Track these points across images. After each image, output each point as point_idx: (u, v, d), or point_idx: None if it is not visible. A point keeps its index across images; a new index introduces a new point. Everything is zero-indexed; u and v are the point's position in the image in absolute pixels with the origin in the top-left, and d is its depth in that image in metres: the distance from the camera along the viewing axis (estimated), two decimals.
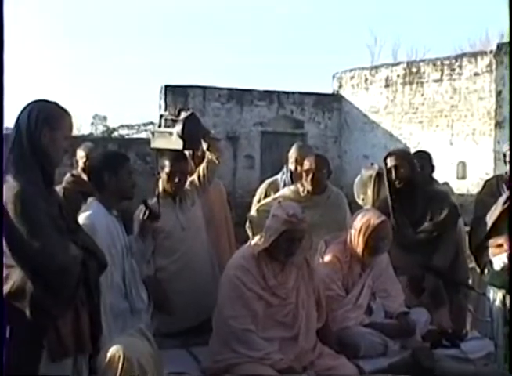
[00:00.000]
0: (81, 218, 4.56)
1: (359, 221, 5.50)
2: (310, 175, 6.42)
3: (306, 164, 6.49)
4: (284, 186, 7.17)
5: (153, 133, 5.94)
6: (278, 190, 7.09)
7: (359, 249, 5.47)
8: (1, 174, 3.65)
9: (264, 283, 5.00)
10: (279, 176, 7.46)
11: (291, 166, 7.29)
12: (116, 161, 4.83)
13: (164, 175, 5.99)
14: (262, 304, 4.98)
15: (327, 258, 5.62)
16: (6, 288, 3.35)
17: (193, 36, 69.41)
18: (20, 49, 67.17)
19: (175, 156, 5.93)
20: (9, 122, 3.66)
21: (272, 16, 66.43)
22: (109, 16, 70.24)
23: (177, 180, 5.95)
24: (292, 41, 67.21)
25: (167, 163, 5.94)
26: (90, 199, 4.79)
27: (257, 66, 64.79)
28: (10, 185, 3.38)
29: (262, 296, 4.98)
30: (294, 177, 7.18)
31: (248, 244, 5.27)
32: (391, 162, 6.29)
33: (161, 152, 6.19)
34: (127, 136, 25.15)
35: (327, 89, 23.26)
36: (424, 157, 7.14)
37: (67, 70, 68.00)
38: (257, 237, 5.18)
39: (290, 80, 57.40)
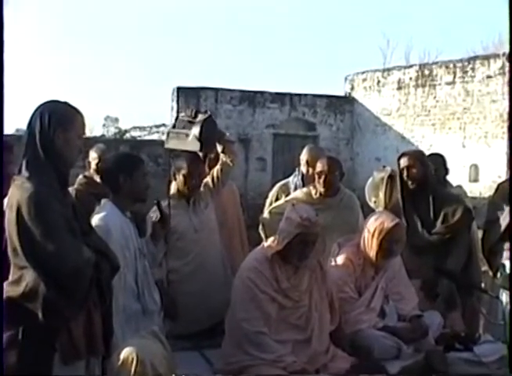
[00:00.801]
0: (95, 219, 4.56)
1: (373, 224, 5.48)
2: (322, 178, 6.41)
3: (318, 167, 6.48)
4: (295, 188, 7.16)
5: (168, 133, 5.90)
6: (289, 193, 7.08)
7: (373, 252, 5.45)
8: (1, 173, 3.66)
9: (277, 286, 4.99)
10: (290, 179, 7.45)
11: (302, 168, 7.28)
12: (131, 163, 4.82)
13: (180, 177, 5.98)
14: (275, 306, 4.97)
15: (340, 260, 5.59)
16: (19, 290, 3.35)
17: (205, 38, 69.51)
18: (30, 51, 67.48)
19: (192, 158, 5.93)
20: (21, 124, 3.67)
21: (285, 18, 66.50)
22: (122, 17, 70.44)
23: (193, 182, 5.95)
24: (304, 43, 67.18)
25: (184, 165, 5.93)
26: (104, 200, 4.78)
27: (270, 68, 64.75)
28: (24, 187, 3.37)
29: (275, 298, 4.98)
30: (306, 179, 7.17)
31: (261, 246, 5.26)
32: (403, 163, 6.28)
33: (175, 153, 6.19)
34: (139, 138, 25.23)
35: (339, 91, 23.24)
36: (438, 160, 7.11)
37: (79, 72, 68.15)
38: (270, 240, 5.17)
39: (303, 82, 57.31)
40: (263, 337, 4.85)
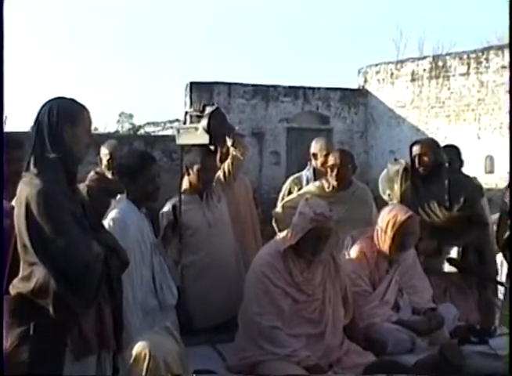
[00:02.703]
0: (112, 213, 4.60)
1: (386, 217, 5.46)
2: (335, 171, 6.39)
3: (330, 160, 6.47)
4: (307, 181, 7.15)
5: (178, 130, 5.92)
6: (301, 186, 7.08)
7: (386, 245, 5.43)
8: (1, 172, 3.67)
9: (290, 280, 4.98)
10: (303, 172, 7.44)
11: (313, 161, 7.29)
12: (141, 163, 4.81)
13: (193, 172, 5.98)
14: (289, 300, 4.96)
15: (354, 254, 5.58)
16: (30, 286, 3.36)
17: (218, 32, 69.48)
18: (45, 48, 67.71)
19: (205, 152, 5.92)
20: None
21: (297, 11, 66.35)
22: (136, 13, 70.45)
23: (207, 177, 5.95)
24: (317, 36, 67.05)
25: (197, 159, 5.93)
26: (119, 196, 4.79)
27: (282, 62, 64.63)
28: (33, 183, 3.37)
29: (289, 293, 4.97)
30: (317, 173, 7.15)
31: (274, 240, 5.25)
32: (415, 150, 6.31)
33: (188, 149, 6.19)
34: (152, 133, 25.21)
35: (353, 84, 23.17)
36: (453, 152, 7.09)
37: (93, 68, 68.32)
38: (283, 234, 5.16)
39: (316, 75, 57.15)
40: (276, 331, 4.83)
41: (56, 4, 66.73)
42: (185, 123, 5.95)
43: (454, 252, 6.21)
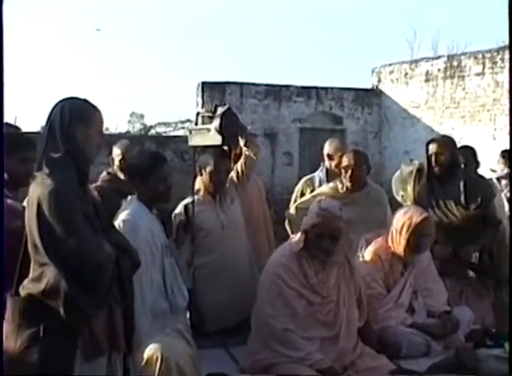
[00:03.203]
0: (123, 214, 4.58)
1: (401, 218, 5.44)
2: (349, 172, 6.38)
3: (344, 161, 6.45)
4: (320, 183, 7.13)
5: (190, 131, 5.92)
6: (314, 187, 7.07)
7: (401, 247, 5.41)
8: (1, 171, 3.66)
9: (305, 281, 4.97)
10: (316, 173, 7.43)
11: (326, 162, 7.27)
12: (152, 163, 4.78)
13: (205, 174, 5.97)
14: (303, 302, 4.96)
15: (368, 256, 5.56)
16: (40, 287, 3.35)
17: (230, 32, 69.52)
18: (55, 47, 67.93)
19: (218, 154, 5.92)
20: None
21: (310, 10, 66.26)
22: (146, 13, 70.57)
23: (219, 179, 5.94)
24: (330, 36, 66.97)
25: (210, 161, 5.91)
26: (130, 197, 4.78)
27: (295, 62, 64.59)
28: (45, 183, 3.37)
29: (303, 294, 4.96)
30: (330, 174, 7.14)
31: (288, 241, 5.25)
32: (432, 149, 6.29)
33: (201, 150, 6.19)
34: (164, 134, 25.26)
35: (366, 84, 23.10)
36: (469, 153, 7.08)
37: (104, 67, 68.48)
38: (297, 235, 5.15)
39: (329, 75, 57.05)
40: (290, 334, 4.82)
41: (69, 2, 66.92)
42: (196, 124, 5.96)
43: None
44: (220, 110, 5.67)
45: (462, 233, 6.07)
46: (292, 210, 6.75)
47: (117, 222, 4.46)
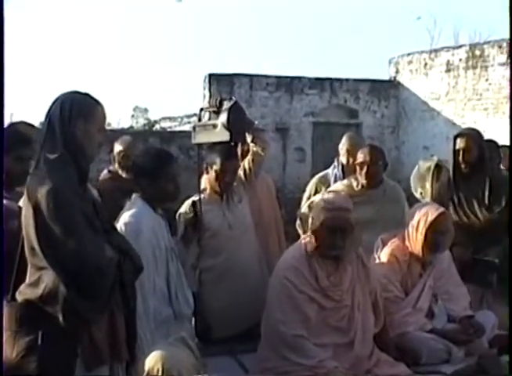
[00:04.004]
0: (125, 216, 4.55)
1: (416, 215, 5.43)
2: (364, 168, 6.36)
3: (360, 157, 6.43)
4: (335, 180, 7.12)
5: (194, 128, 5.81)
6: (329, 185, 7.05)
7: (418, 246, 5.39)
8: (1, 169, 3.67)
9: (316, 285, 4.96)
10: (329, 170, 7.42)
11: (342, 159, 7.27)
12: (160, 162, 4.75)
13: (212, 173, 5.93)
14: (315, 307, 4.94)
15: (384, 257, 5.55)
16: (38, 292, 3.35)
17: (238, 22, 69.49)
18: (56, 40, 68.06)
19: (226, 152, 5.87)
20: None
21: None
22: (150, 4, 70.58)
23: (226, 178, 5.91)
24: (344, 25, 66.85)
25: (217, 160, 5.87)
26: (134, 196, 4.75)
27: (308, 52, 64.49)
28: (43, 182, 3.36)
29: (314, 298, 4.94)
30: (346, 170, 7.12)
31: (298, 242, 5.23)
32: (460, 144, 6.27)
33: (207, 147, 6.15)
34: (169, 129, 25.22)
35: (383, 75, 23.05)
36: (492, 147, 7.05)
37: (107, 60, 68.57)
38: (307, 235, 5.14)
39: (343, 66, 56.98)
40: (302, 340, 4.81)
41: None
42: (200, 120, 5.87)
43: None
44: (226, 103, 5.62)
45: (483, 236, 6.06)
46: (304, 209, 6.74)
47: (119, 225, 4.45)
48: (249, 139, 6.14)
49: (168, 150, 5.18)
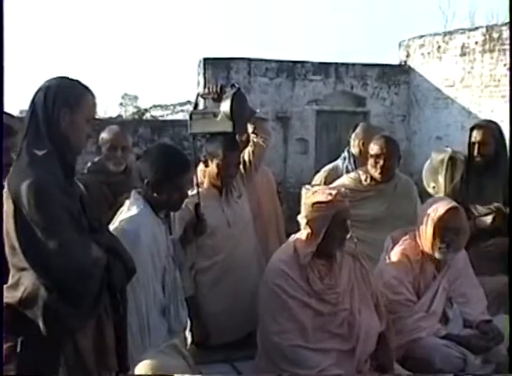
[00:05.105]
0: (124, 219, 4.47)
1: (427, 210, 5.40)
2: (380, 162, 6.30)
3: (375, 149, 6.36)
4: (348, 173, 7.06)
5: (190, 116, 5.72)
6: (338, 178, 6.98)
7: (429, 243, 5.37)
8: (0, 168, 3.66)
9: (309, 288, 4.92)
10: (339, 162, 7.37)
11: (355, 150, 7.21)
12: (176, 169, 4.62)
13: (213, 166, 5.85)
14: (310, 313, 4.90)
15: (395, 256, 5.53)
16: (17, 295, 3.34)
17: (235, 1, 69.40)
18: (42, 25, 68.08)
19: (229, 143, 5.79)
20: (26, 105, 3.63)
21: None
22: None
23: (229, 173, 5.85)
24: (350, 5, 66.79)
25: (219, 151, 5.79)
26: (134, 193, 4.67)
27: (311, 35, 64.47)
28: (23, 174, 3.35)
29: (308, 303, 4.91)
30: (359, 163, 7.09)
31: (287, 243, 5.18)
32: (476, 137, 6.26)
33: (206, 138, 6.07)
34: (160, 118, 25.22)
35: (393, 60, 23.06)
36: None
37: (93, 45, 68.53)
38: (299, 235, 5.08)
39: (350, 50, 56.95)
40: (299, 351, 4.78)
41: None
42: (196, 107, 5.82)
43: None
44: (228, 91, 5.55)
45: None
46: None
47: (117, 231, 4.35)
48: (250, 129, 6.09)
49: (184, 154, 4.91)
